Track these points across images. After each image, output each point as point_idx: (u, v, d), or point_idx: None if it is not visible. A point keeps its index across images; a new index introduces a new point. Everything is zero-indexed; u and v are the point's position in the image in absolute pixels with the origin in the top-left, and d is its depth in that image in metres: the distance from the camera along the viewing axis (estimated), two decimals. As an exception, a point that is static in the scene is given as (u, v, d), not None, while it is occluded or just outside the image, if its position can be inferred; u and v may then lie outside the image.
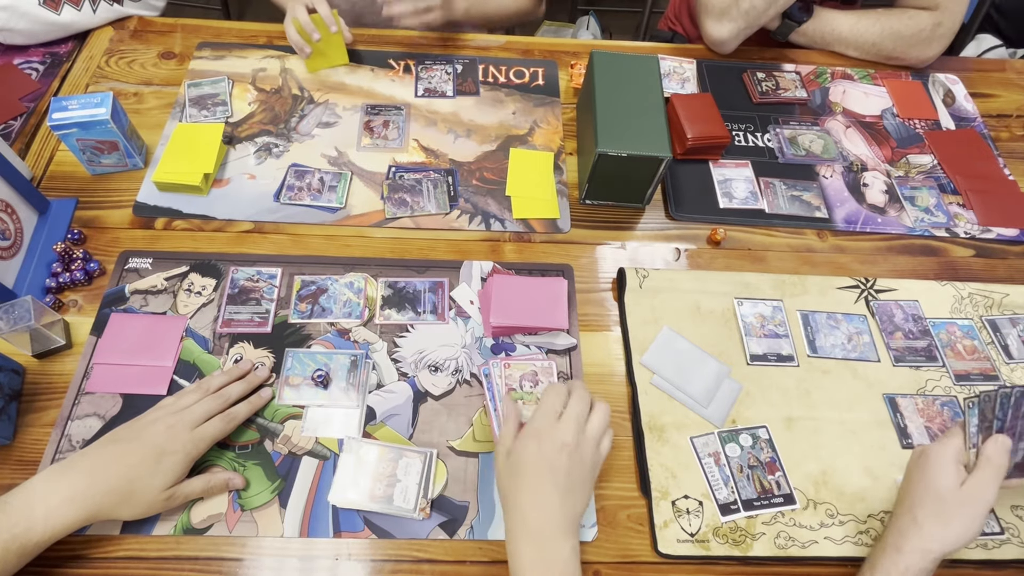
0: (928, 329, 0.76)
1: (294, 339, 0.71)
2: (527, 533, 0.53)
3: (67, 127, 0.75)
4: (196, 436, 0.59)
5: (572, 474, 0.55)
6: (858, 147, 0.93)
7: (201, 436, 0.59)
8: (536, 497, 0.54)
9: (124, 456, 0.56)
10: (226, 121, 0.88)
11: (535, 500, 0.54)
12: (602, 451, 0.58)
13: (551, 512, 0.54)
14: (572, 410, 0.57)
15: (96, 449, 0.57)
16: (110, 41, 0.97)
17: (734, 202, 0.86)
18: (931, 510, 0.54)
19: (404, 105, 0.93)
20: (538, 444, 0.55)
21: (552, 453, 0.55)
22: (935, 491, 0.54)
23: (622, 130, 0.76)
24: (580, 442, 0.56)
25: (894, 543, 0.55)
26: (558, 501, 0.54)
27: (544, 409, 0.58)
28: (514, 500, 0.55)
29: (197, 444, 0.59)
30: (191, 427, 0.59)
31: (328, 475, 0.63)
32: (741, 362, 0.72)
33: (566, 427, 0.56)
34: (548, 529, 0.53)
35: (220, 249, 0.77)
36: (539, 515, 0.53)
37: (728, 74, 1.01)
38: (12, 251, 0.72)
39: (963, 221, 0.86)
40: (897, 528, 0.55)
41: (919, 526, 0.54)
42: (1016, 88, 1.04)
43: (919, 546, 0.53)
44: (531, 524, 0.53)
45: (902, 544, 0.54)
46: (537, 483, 0.54)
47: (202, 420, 0.60)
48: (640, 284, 0.77)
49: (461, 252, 0.79)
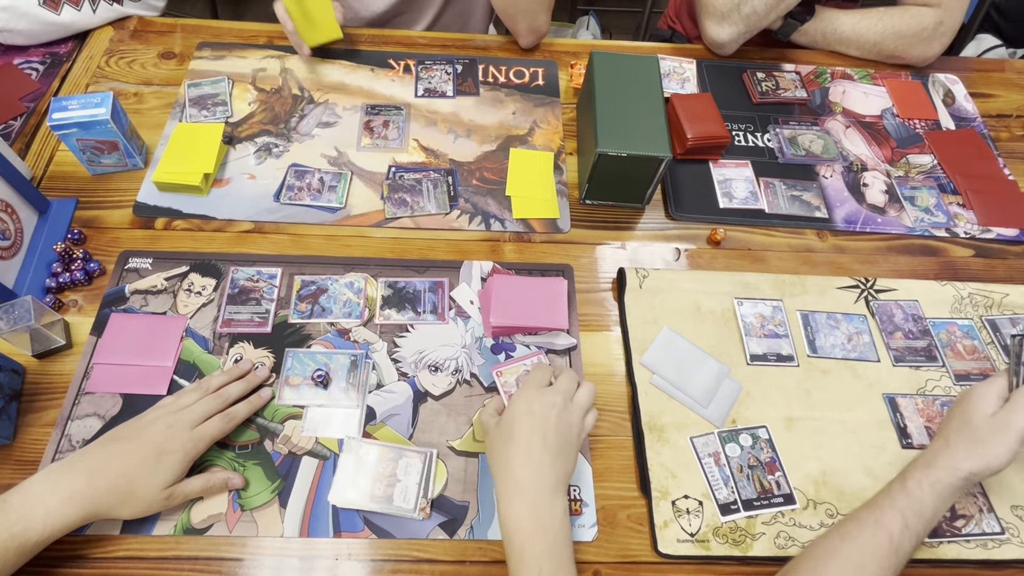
0: (928, 329, 0.76)
1: (294, 339, 0.71)
2: (520, 493, 0.54)
3: (67, 127, 0.75)
4: (195, 435, 0.59)
5: (561, 435, 0.56)
6: (858, 147, 0.93)
7: (200, 435, 0.59)
8: (528, 456, 0.55)
9: (124, 455, 0.56)
10: (226, 121, 0.88)
11: (528, 459, 0.55)
12: (587, 423, 0.59)
13: (543, 471, 0.55)
14: (560, 382, 0.60)
15: (95, 448, 0.57)
16: (110, 41, 0.97)
17: (734, 202, 0.86)
18: (963, 435, 0.58)
19: (404, 105, 0.93)
20: (527, 405, 0.57)
21: (542, 412, 0.57)
22: (969, 418, 0.59)
23: (622, 130, 0.76)
24: (568, 406, 0.58)
25: (925, 460, 0.59)
26: (549, 461, 0.55)
27: (532, 379, 0.60)
28: (506, 464, 0.56)
29: (196, 443, 0.59)
30: (190, 426, 0.59)
31: (328, 475, 0.63)
32: (741, 362, 0.72)
33: (555, 391, 0.58)
34: (541, 489, 0.54)
35: (220, 249, 0.77)
36: (531, 475, 0.55)
37: (728, 74, 1.01)
38: (12, 251, 0.72)
39: (963, 221, 0.86)
40: (930, 450, 0.60)
41: (950, 447, 0.58)
42: (1016, 88, 1.04)
43: (948, 463, 0.57)
44: (524, 484, 0.54)
45: (933, 461, 0.58)
46: (528, 443, 0.56)
47: (201, 420, 0.60)
48: (640, 284, 0.77)
49: (461, 252, 0.79)
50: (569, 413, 0.58)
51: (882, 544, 0.54)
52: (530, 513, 0.53)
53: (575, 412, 0.58)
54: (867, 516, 0.56)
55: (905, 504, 0.56)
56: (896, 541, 0.54)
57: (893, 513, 0.55)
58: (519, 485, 0.54)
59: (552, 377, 0.61)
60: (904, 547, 0.54)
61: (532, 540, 0.53)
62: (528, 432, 0.56)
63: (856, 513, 0.58)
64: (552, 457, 0.55)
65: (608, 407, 0.69)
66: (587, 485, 0.64)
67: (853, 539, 0.55)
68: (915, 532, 0.55)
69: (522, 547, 0.52)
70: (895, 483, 0.59)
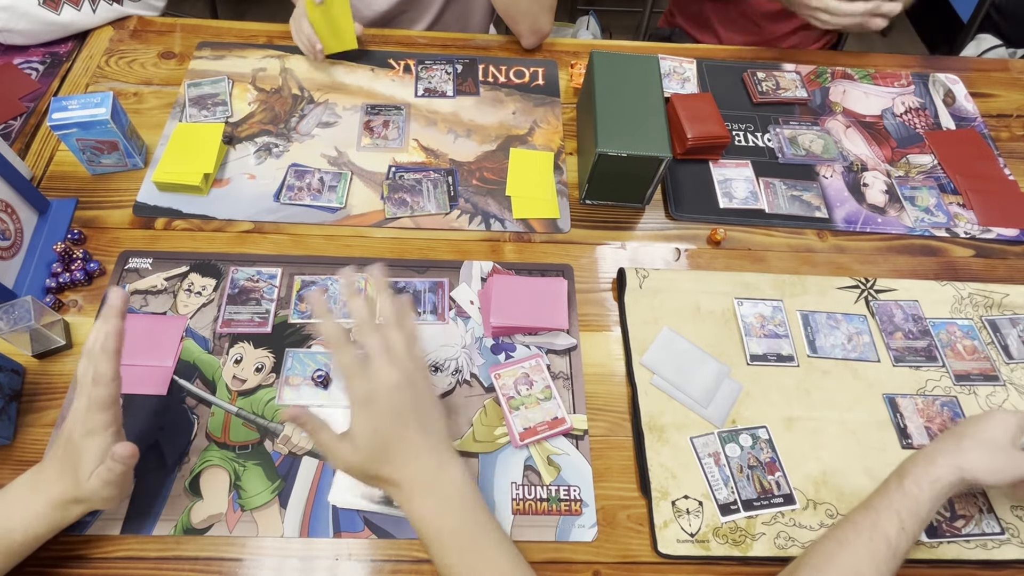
0: (928, 329, 0.76)
1: (294, 339, 0.71)
2: (416, 489, 0.51)
3: (67, 127, 0.75)
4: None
5: (417, 402, 0.53)
6: (858, 147, 0.93)
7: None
8: (404, 452, 0.51)
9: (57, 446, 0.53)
10: (226, 121, 0.88)
11: (405, 456, 0.51)
12: (417, 359, 0.54)
13: (419, 452, 0.52)
14: (370, 349, 0.53)
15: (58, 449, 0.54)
16: (110, 41, 0.97)
17: (734, 202, 0.86)
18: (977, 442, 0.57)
19: (404, 105, 0.93)
20: (368, 412, 0.51)
21: (385, 405, 0.51)
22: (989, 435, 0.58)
23: (622, 130, 0.76)
24: (398, 370, 0.52)
25: (927, 457, 0.58)
26: (423, 438, 0.52)
27: (345, 373, 0.52)
28: (387, 474, 0.52)
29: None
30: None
31: (328, 475, 0.63)
32: (741, 362, 0.72)
33: (376, 369, 0.52)
34: (427, 469, 0.51)
35: (220, 249, 0.77)
36: (416, 463, 0.51)
37: (728, 74, 1.01)
38: (12, 251, 0.72)
39: (963, 221, 0.86)
40: (933, 447, 0.58)
41: (961, 450, 0.57)
42: (1016, 88, 1.04)
43: (953, 462, 0.56)
44: (415, 478, 0.51)
45: (936, 458, 0.57)
46: (395, 440, 0.51)
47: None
48: (640, 284, 0.77)
49: (461, 252, 0.79)
50: (407, 376, 0.52)
51: (879, 549, 0.53)
52: (434, 499, 0.51)
53: (405, 366, 0.52)
54: (863, 520, 0.55)
55: (902, 505, 0.55)
56: (893, 545, 0.54)
57: (890, 515, 0.55)
58: (413, 482, 0.51)
59: (345, 337, 0.52)
60: (901, 549, 0.54)
61: (442, 522, 0.50)
62: (389, 433, 0.51)
63: (852, 516, 0.57)
64: (423, 432, 0.52)
65: (608, 407, 0.69)
66: (587, 485, 0.64)
67: (850, 544, 0.54)
68: (911, 533, 0.55)
69: (438, 534, 0.50)
70: (891, 481, 0.58)
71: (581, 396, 0.69)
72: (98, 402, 0.51)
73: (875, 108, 0.98)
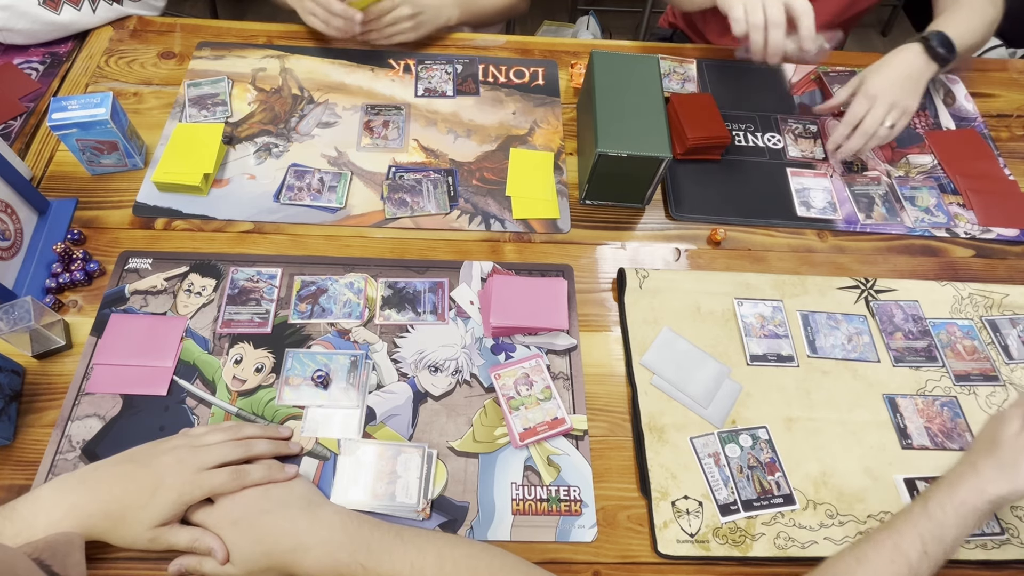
0: (928, 329, 0.76)
1: (294, 339, 0.71)
2: (300, 552, 0.53)
3: (67, 127, 0.75)
4: (199, 479, 0.55)
5: (268, 496, 0.56)
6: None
7: (203, 482, 0.55)
8: (278, 531, 0.54)
9: (126, 478, 0.54)
10: (226, 121, 0.88)
11: (278, 535, 0.54)
12: (214, 482, 0.56)
13: (293, 519, 0.55)
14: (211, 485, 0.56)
15: (108, 464, 0.56)
16: (110, 41, 0.97)
17: (812, 211, 0.85)
18: (990, 457, 0.56)
19: (404, 105, 0.93)
20: (237, 530, 0.54)
21: (251, 518, 0.55)
22: (996, 441, 0.57)
23: (622, 130, 0.76)
24: (248, 491, 0.56)
25: (949, 481, 0.57)
26: (286, 514, 0.55)
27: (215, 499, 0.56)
28: (279, 559, 0.53)
29: (195, 489, 0.55)
30: (199, 468, 0.56)
31: (328, 475, 0.63)
32: (741, 362, 0.72)
33: (228, 503, 0.56)
34: (303, 532, 0.54)
35: (220, 249, 0.77)
36: (286, 533, 0.54)
37: (728, 74, 1.01)
38: (12, 251, 0.72)
39: (963, 221, 0.86)
40: (954, 472, 0.58)
41: (977, 470, 0.56)
42: (1016, 88, 1.04)
43: (975, 485, 0.55)
44: (290, 544, 0.53)
45: (957, 483, 0.56)
46: (272, 523, 0.55)
47: (215, 464, 0.57)
48: (640, 284, 0.77)
49: (461, 252, 0.79)
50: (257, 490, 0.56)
51: (900, 572, 0.52)
52: (323, 550, 0.53)
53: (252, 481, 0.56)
54: (885, 539, 0.54)
55: (926, 528, 0.53)
56: (914, 569, 0.52)
57: (912, 538, 0.53)
58: (295, 549, 0.53)
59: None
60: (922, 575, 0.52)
61: (335, 559, 0.52)
62: (260, 533, 0.54)
63: (874, 535, 0.55)
64: (281, 506, 0.55)
65: (608, 407, 0.69)
66: (587, 485, 0.64)
67: (870, 563, 0.53)
68: (934, 559, 0.52)
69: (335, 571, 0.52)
70: (916, 505, 0.56)
71: (581, 396, 0.69)
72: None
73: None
